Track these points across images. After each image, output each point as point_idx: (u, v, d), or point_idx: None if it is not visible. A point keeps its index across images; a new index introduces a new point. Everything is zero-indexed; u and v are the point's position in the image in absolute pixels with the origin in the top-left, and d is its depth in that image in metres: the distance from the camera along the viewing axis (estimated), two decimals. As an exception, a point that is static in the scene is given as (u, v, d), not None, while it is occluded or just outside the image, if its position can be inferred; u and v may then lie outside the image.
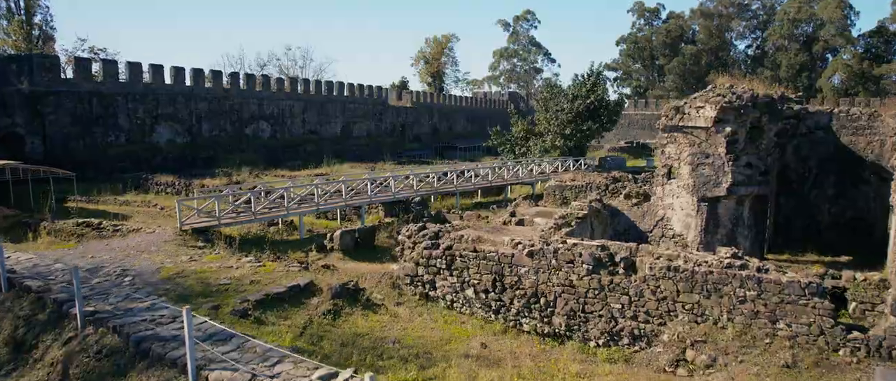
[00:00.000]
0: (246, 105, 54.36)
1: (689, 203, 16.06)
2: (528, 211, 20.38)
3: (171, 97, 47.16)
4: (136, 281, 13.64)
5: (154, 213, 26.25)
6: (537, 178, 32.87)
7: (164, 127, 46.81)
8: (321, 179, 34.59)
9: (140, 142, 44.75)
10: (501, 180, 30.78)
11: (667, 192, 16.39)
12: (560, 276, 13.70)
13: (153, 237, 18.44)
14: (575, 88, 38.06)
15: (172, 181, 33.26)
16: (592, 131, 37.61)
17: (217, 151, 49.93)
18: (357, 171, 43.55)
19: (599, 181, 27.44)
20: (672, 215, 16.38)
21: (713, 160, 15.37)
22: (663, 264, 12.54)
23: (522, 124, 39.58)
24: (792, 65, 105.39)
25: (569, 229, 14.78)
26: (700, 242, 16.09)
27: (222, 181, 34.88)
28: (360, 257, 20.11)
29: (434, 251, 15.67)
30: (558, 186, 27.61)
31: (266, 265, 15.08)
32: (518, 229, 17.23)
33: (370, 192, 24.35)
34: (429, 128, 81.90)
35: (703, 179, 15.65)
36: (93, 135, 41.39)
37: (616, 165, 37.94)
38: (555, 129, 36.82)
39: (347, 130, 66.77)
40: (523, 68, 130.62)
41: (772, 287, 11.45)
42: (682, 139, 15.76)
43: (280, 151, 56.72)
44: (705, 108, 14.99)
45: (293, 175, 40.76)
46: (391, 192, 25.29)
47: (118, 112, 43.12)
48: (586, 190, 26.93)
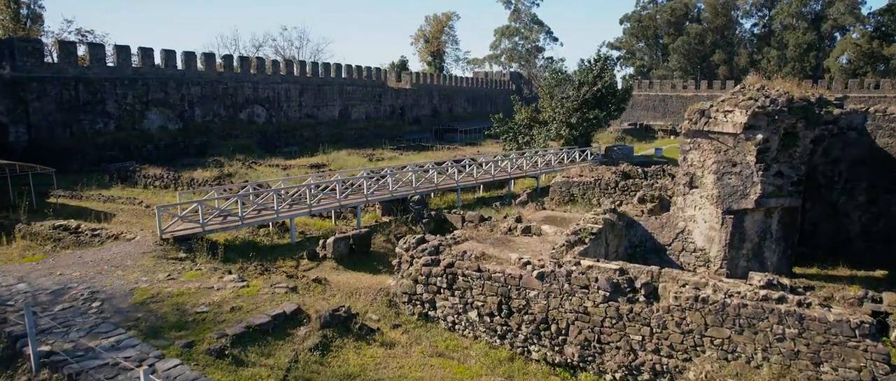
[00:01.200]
0: (240, 89, 52.65)
1: (712, 215, 14.69)
2: (534, 216, 19.02)
3: (161, 82, 45.47)
4: (105, 307, 12.33)
5: (139, 212, 24.89)
6: (542, 170, 31.45)
7: (155, 113, 45.21)
8: (315, 174, 33.21)
9: (130, 129, 43.17)
10: (505, 174, 29.35)
11: (688, 202, 15.01)
12: (573, 302, 12.40)
13: (131, 247, 17.10)
14: (581, 74, 36.40)
15: (161, 174, 31.83)
16: (600, 120, 36.09)
17: (210, 137, 48.37)
18: (354, 159, 42.12)
19: (608, 177, 26.05)
20: (694, 227, 15.02)
21: (741, 169, 13.96)
22: (690, 293, 11.22)
23: (526, 112, 38.01)
24: (799, 44, 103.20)
25: (582, 247, 13.43)
26: (723, 257, 14.76)
27: (212, 173, 33.46)
28: (355, 265, 18.81)
29: (434, 268, 14.36)
30: (565, 182, 26.21)
31: (250, 285, 13.76)
32: (525, 241, 15.89)
33: (366, 190, 22.96)
34: (429, 110, 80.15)
35: (728, 189, 14.25)
36: (80, 122, 39.83)
37: (623, 154, 36.49)
38: (560, 117, 35.26)
39: (345, 114, 65.11)
40: (525, 47, 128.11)
41: (815, 326, 10.14)
42: (707, 146, 14.32)
43: (276, 136, 55.18)
44: (734, 112, 13.53)
45: (288, 164, 39.37)
46: (389, 190, 23.91)
47: (106, 98, 41.49)
48: (594, 187, 25.56)
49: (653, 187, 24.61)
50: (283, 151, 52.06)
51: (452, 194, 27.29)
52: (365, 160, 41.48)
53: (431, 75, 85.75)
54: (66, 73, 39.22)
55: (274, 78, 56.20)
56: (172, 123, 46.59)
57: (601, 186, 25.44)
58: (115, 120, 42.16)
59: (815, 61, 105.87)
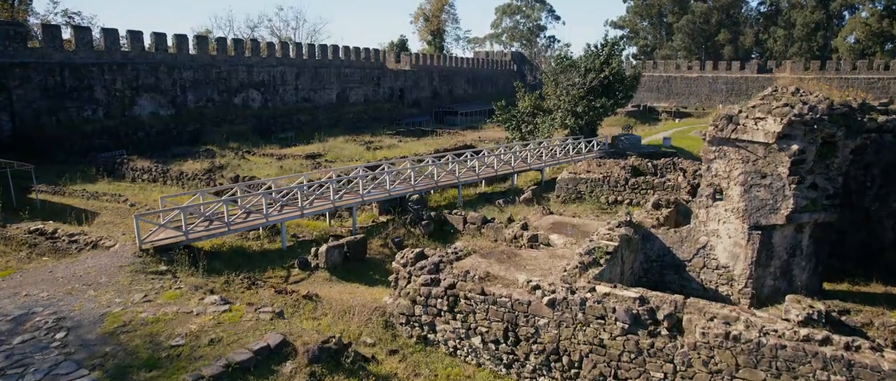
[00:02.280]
0: (234, 73, 51.09)
1: (737, 230, 13.44)
2: (541, 222, 17.77)
3: (152, 67, 43.91)
4: (71, 339, 11.14)
5: (123, 211, 23.65)
6: (546, 162, 30.11)
7: (146, 99, 43.74)
8: (311, 165, 31.88)
9: (119, 116, 41.76)
10: (508, 168, 28.04)
11: (711, 216, 13.75)
12: (588, 333, 11.21)
13: (108, 258, 15.87)
14: (587, 60, 34.87)
15: (149, 167, 30.52)
16: (607, 109, 34.65)
17: (204, 123, 47.00)
18: (351, 148, 40.77)
19: (617, 174, 24.75)
20: (717, 243, 13.78)
21: (771, 182, 12.67)
22: (719, 329, 10.02)
23: (529, 99, 36.54)
24: (807, 23, 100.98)
25: (597, 269, 12.21)
26: (749, 276, 13.55)
27: (203, 165, 32.13)
28: (350, 274, 17.62)
29: (434, 289, 13.16)
30: (571, 178, 24.90)
31: (232, 310, 12.56)
32: (532, 255, 14.66)
33: (362, 190, 21.67)
34: (428, 92, 78.46)
35: (756, 203, 12.98)
36: (66, 110, 38.40)
37: (631, 144, 35.12)
38: (565, 106, 33.82)
39: (343, 97, 63.52)
40: (526, 26, 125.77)
41: (867, 374, 8.96)
42: (734, 155, 13.01)
43: (271, 121, 53.77)
44: (767, 120, 12.20)
45: (282, 153, 38.03)
46: (386, 189, 22.62)
47: (94, 84, 40.01)
48: (603, 184, 24.27)
49: (664, 186, 23.33)
50: (278, 138, 50.70)
51: (453, 190, 26.02)
52: (362, 149, 40.13)
53: (431, 56, 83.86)
54: (51, 58, 37.69)
55: (269, 61, 54.57)
56: (164, 109, 45.14)
57: (610, 184, 24.13)
58: (103, 107, 40.73)
59: (823, 41, 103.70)
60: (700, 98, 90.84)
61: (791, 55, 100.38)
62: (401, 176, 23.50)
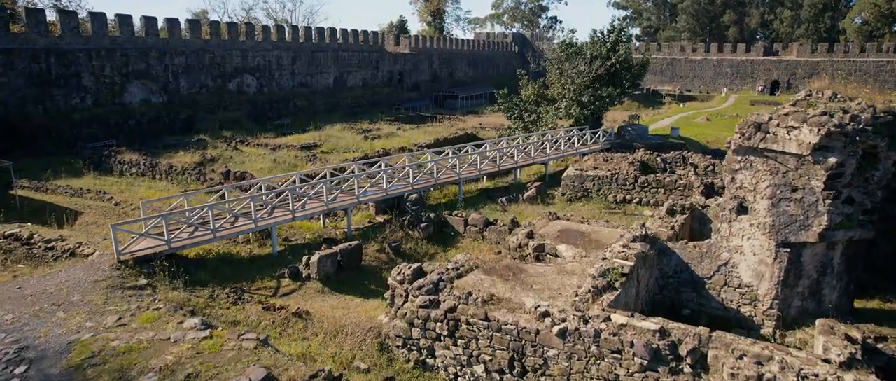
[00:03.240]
0: (228, 57, 49.63)
1: (763, 247, 12.33)
2: (547, 229, 16.65)
3: (142, 52, 42.47)
4: (31, 375, 10.10)
5: (107, 210, 22.53)
6: (551, 155, 28.91)
7: (137, 86, 42.36)
8: (305, 157, 30.68)
9: (109, 104, 40.44)
10: (511, 162, 26.85)
11: (734, 231, 12.62)
12: (602, 367, 10.17)
13: (83, 271, 14.79)
14: (593, 47, 33.47)
15: (137, 160, 29.32)
16: (613, 98, 33.34)
17: (197, 110, 45.72)
18: (348, 137, 39.52)
19: (626, 171, 23.58)
20: (740, 260, 12.68)
21: (803, 196, 11.52)
22: (750, 370, 8.98)
23: (533, 88, 35.21)
24: (814, 4, 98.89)
25: (612, 294, 11.12)
26: (775, 297, 12.47)
27: (194, 158, 30.95)
28: (344, 285, 16.54)
29: (433, 311, 12.09)
30: (578, 175, 23.73)
31: (214, 336, 11.49)
32: (539, 271, 13.56)
33: (358, 190, 20.52)
34: (428, 75, 76.86)
35: (785, 218, 11.85)
36: (53, 98, 37.08)
37: (638, 134, 33.87)
38: (570, 95, 32.50)
39: (341, 82, 62.05)
40: (528, 6, 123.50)
41: (922, 431, 7.90)
42: (762, 166, 11.85)
43: (267, 106, 52.43)
44: (801, 129, 11.01)
45: (277, 143, 36.80)
46: (383, 188, 21.46)
47: (81, 71, 38.63)
48: (611, 182, 23.11)
49: (676, 185, 22.18)
50: (274, 124, 49.45)
51: (453, 186, 24.86)
52: (360, 138, 38.88)
53: (431, 38, 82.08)
54: (36, 43, 36.29)
55: (265, 45, 53.04)
56: (156, 96, 43.79)
57: (618, 182, 22.97)
58: (92, 94, 39.40)
59: (831, 22, 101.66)
60: (704, 81, 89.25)
61: (798, 37, 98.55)
62: (399, 174, 22.32)
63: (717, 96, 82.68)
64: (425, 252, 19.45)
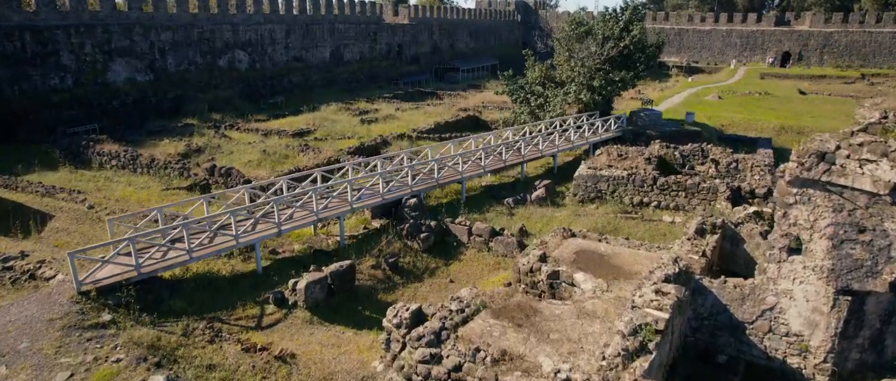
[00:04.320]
0: (218, 32, 47.13)
1: (819, 293, 10.60)
2: (562, 251, 14.89)
3: (125, 28, 40.05)
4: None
5: (80, 214, 20.72)
6: (560, 147, 26.98)
7: (121, 64, 40.07)
8: (297, 147, 28.73)
9: (91, 84, 38.24)
10: (518, 157, 24.95)
11: (784, 272, 10.87)
12: (636, 456, 8.53)
13: (38, 306, 13.06)
14: (605, 26, 31.19)
15: (117, 152, 27.38)
16: (626, 82, 31.22)
17: (186, 89, 43.51)
18: (344, 120, 37.45)
19: (643, 171, 21.73)
20: (789, 305, 10.96)
21: (872, 238, 9.74)
22: None
23: (539, 69, 33.04)
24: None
25: (646, 359, 9.41)
26: (830, 349, 10.80)
27: (178, 148, 29.02)
28: (335, 313, 14.86)
29: (435, 368, 10.45)
30: (591, 175, 21.87)
31: (179, 401, 9.86)
32: (556, 313, 11.84)
33: (351, 197, 18.67)
34: (428, 47, 74.13)
35: (848, 262, 10.08)
36: (29, 79, 34.91)
37: (651, 121, 31.88)
38: (580, 79, 30.38)
39: (337, 55, 59.53)
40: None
41: None
42: (823, 202, 10.03)
43: (260, 83, 50.19)
44: (880, 164, 9.17)
45: (268, 128, 34.81)
46: (379, 193, 19.62)
47: (60, 49, 36.33)
48: (627, 183, 21.26)
49: (698, 189, 20.33)
50: (267, 103, 47.37)
51: (457, 185, 23.00)
52: (356, 122, 36.82)
53: (432, 7, 79.03)
54: (10, 20, 33.97)
55: (256, 18, 50.46)
56: (141, 74, 41.53)
57: (635, 183, 21.12)
58: (72, 74, 37.19)
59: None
60: (712, 53, 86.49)
61: (810, 5, 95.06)
62: (397, 176, 20.42)
63: (726, 69, 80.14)
64: (425, 267, 17.74)
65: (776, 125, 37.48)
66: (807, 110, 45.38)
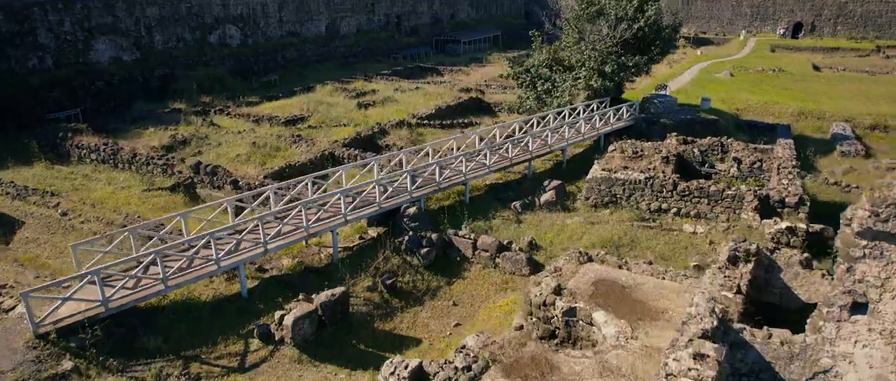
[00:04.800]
0: (208, 7, 44.81)
1: (886, 360, 9.14)
2: (579, 279, 13.38)
3: (107, 3, 37.83)
4: None
5: (52, 222, 19.18)
6: (570, 139, 25.25)
7: (104, 42, 38.00)
8: (289, 138, 26.97)
9: (74, 64, 36.26)
10: (525, 154, 23.25)
11: (844, 333, 9.38)
12: None
13: (-8, 350, 11.62)
14: (617, 5, 29.07)
15: (96, 144, 25.66)
16: (639, 67, 29.26)
17: (175, 68, 41.47)
18: (340, 104, 35.56)
19: (661, 173, 20.07)
20: (847, 370, 9.52)
21: (956, 306, 8.15)
22: None
23: (547, 52, 31.04)
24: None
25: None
26: (895, 422, 9.31)
27: (163, 139, 27.27)
28: (326, 350, 13.43)
29: (438, 445, 9.03)
30: (605, 178, 20.21)
31: None
32: (575, 371, 10.38)
33: (345, 208, 17.05)
34: (428, 18, 71.48)
35: (924, 329, 8.54)
36: (6, 59, 32.93)
37: (665, 108, 30.02)
38: (591, 63, 28.43)
39: (333, 28, 57.13)
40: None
41: None
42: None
43: (253, 60, 48.06)
44: (976, 228, 7.55)
45: (259, 114, 33.00)
46: (376, 202, 17.99)
47: (37, 28, 34.27)
48: (644, 188, 19.64)
49: (722, 197, 18.71)
50: (260, 81, 45.39)
51: (460, 186, 21.36)
52: (352, 105, 34.88)
53: (432, -24, 75.86)
54: (-19, -2, 31.82)
55: (247, -10, 47.98)
56: (127, 53, 39.48)
57: (653, 188, 19.47)
58: (52, 54, 35.20)
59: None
60: (721, 23, 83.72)
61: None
62: (395, 183, 18.72)
63: (735, 40, 77.60)
64: (426, 287, 16.27)
65: (794, 110, 35.63)
66: (823, 91, 43.43)
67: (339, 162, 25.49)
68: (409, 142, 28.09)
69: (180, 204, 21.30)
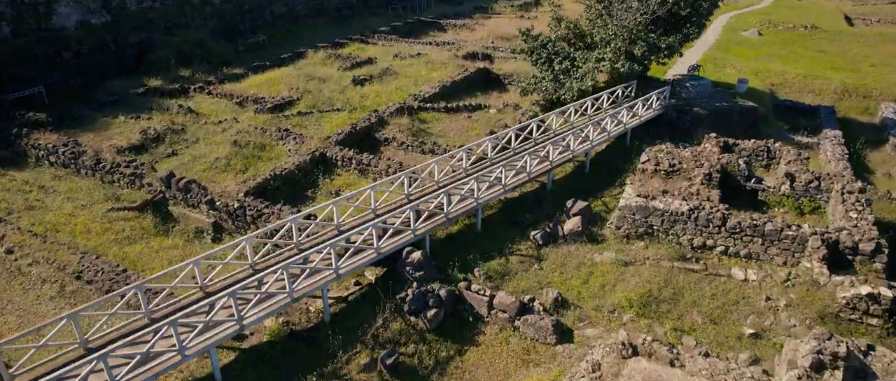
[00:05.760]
0: (185, -42, 40.35)
1: None
2: (623, 375, 10.81)
3: (70, -40, 33.63)
4: None
5: (-6, 260, 16.46)
6: (595, 140, 22.17)
7: (68, 5, 34.04)
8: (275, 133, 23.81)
9: (35, 31, 32.52)
10: (545, 165, 20.23)
11: None
12: None
13: None
14: (650, -28, 25.17)
15: (55, 145, 22.57)
16: (673, 49, 25.67)
17: (152, 32, 37.70)
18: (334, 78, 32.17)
19: (705, 198, 17.20)
20: None
21: None
22: None
23: (566, 26, 27.31)
24: None
25: None
26: None
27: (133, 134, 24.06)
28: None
29: None
30: (640, 207, 17.30)
31: None
32: None
33: (336, 263, 14.27)
34: (429, -39, 65.98)
35: None
36: (-44, 32, 29.31)
37: (697, 94, 26.60)
38: (618, 44, 24.87)
39: (326, -22, 52.36)
40: None
41: None
42: None
43: (238, 19, 44.05)
44: None
45: (245, 92, 29.77)
46: (374, 246, 15.19)
47: (-11, -9, 30.41)
48: (687, 221, 16.82)
49: (781, 237, 15.88)
50: (246, 45, 41.64)
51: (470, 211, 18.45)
52: (347, 80, 31.30)
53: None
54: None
55: (229, -61, 43.27)
56: (96, 16, 35.55)
57: (698, 223, 16.60)
58: (8, 21, 31.47)
59: None
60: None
61: None
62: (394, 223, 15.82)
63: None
64: (434, 360, 13.73)
65: (837, 87, 32.24)
66: (864, 54, 39.77)
67: (331, 164, 22.58)
68: (410, 134, 25.00)
69: (150, 228, 18.57)
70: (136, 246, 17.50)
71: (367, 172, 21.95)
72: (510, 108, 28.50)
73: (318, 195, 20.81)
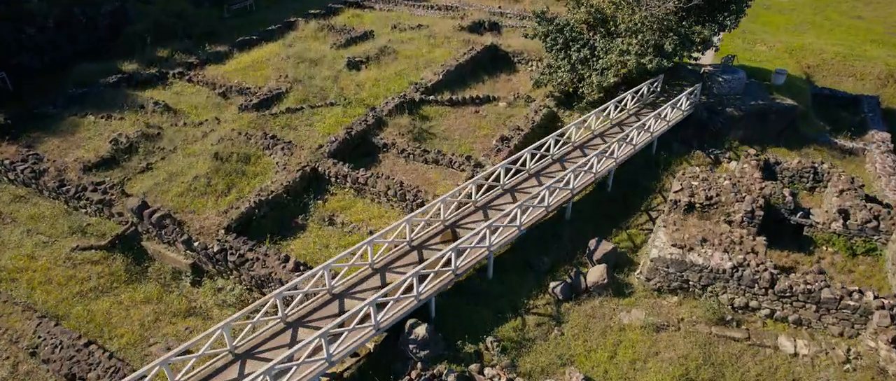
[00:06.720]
0: (160, -89, 36.34)
1: None
2: None
3: (28, -78, 29.95)
4: None
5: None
6: (621, 156, 19.74)
7: (30, -27, 30.61)
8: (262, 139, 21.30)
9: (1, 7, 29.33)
10: (565, 196, 17.88)
11: None
12: None
13: None
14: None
15: (13, 161, 20.12)
16: (707, 43, 22.67)
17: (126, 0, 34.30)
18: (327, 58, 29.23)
19: (754, 258, 15.04)
20: None
21: None
22: None
23: (585, 10, 24.17)
24: None
25: None
26: None
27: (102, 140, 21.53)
28: None
29: None
30: (675, 260, 15.12)
31: None
32: None
33: (329, 350, 12.26)
34: None
35: None
36: None
37: (732, 89, 23.81)
38: (647, 35, 21.90)
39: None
40: None
41: None
42: None
43: (225, -19, 40.28)
44: None
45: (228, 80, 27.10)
46: (372, 322, 13.12)
47: (-61, -36, 27.10)
48: (729, 279, 14.73)
49: (838, 306, 13.81)
50: (232, 10, 38.31)
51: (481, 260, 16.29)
52: (342, 63, 28.41)
53: None
54: None
55: None
56: (62, -17, 32.06)
57: (742, 283, 14.48)
58: (-37, -4, 28.25)
59: None
60: None
61: None
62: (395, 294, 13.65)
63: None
64: (442, 467, 12.00)
65: (881, 70, 29.33)
66: (904, 21, 36.53)
67: (325, 181, 20.28)
68: (411, 138, 22.55)
69: (120, 273, 16.50)
70: (104, 302, 15.47)
71: (363, 191, 19.69)
72: (521, 100, 25.83)
73: (309, 222, 18.62)
